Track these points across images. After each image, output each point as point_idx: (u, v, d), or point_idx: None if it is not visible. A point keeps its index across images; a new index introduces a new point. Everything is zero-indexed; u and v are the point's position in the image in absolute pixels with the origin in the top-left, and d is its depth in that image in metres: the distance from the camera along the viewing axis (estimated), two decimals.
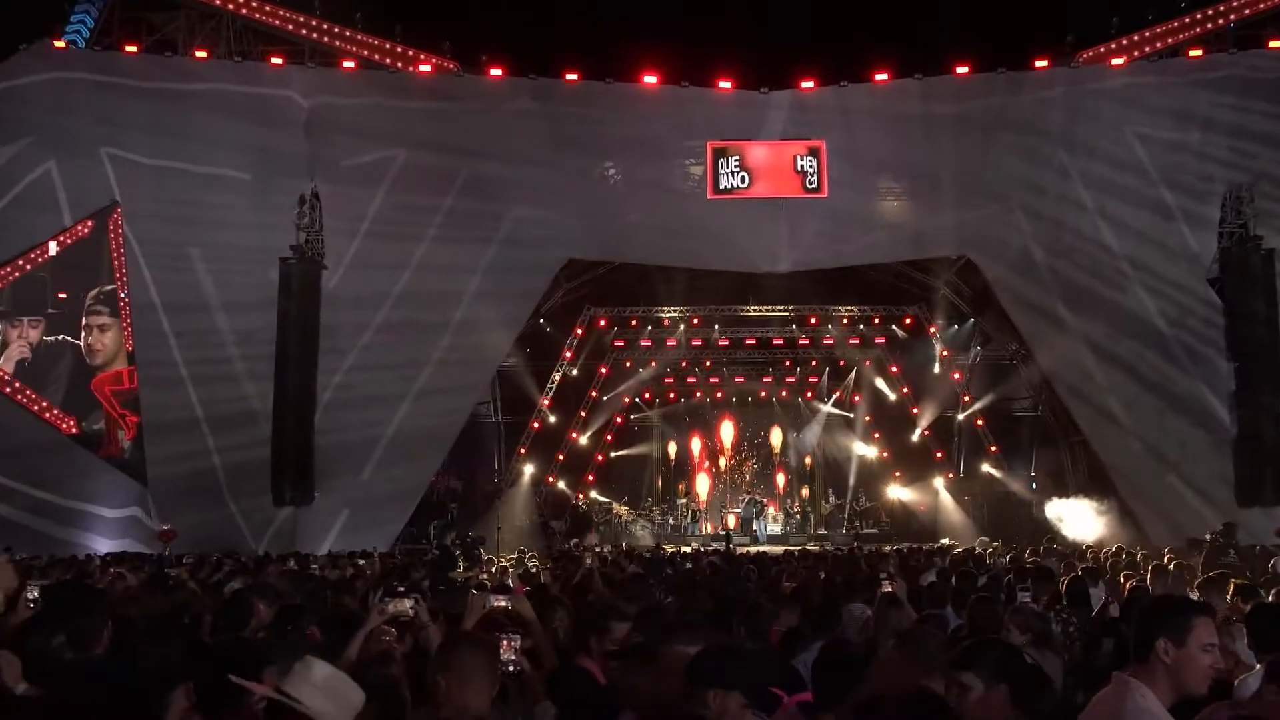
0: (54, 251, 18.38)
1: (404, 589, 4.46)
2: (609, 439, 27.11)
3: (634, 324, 25.51)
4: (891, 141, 19.57)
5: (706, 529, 25.52)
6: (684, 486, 27.33)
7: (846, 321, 25.48)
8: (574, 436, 25.85)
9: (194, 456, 17.91)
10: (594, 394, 26.12)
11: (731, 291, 23.84)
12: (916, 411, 25.50)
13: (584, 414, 26.00)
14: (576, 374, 25.69)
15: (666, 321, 25.38)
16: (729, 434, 28.16)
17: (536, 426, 24.96)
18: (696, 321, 25.22)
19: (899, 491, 25.62)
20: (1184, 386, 18.33)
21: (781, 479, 27.87)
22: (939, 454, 25.49)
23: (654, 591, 7.68)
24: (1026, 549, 13.33)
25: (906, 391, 25.94)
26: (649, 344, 26.07)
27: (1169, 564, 10.23)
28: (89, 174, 18.27)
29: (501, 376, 24.38)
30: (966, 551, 14.89)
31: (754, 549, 20.30)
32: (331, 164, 18.63)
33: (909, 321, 25.33)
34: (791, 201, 19.46)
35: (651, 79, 19.52)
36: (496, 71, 19.67)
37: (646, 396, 27.86)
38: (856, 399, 27.09)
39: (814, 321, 25.30)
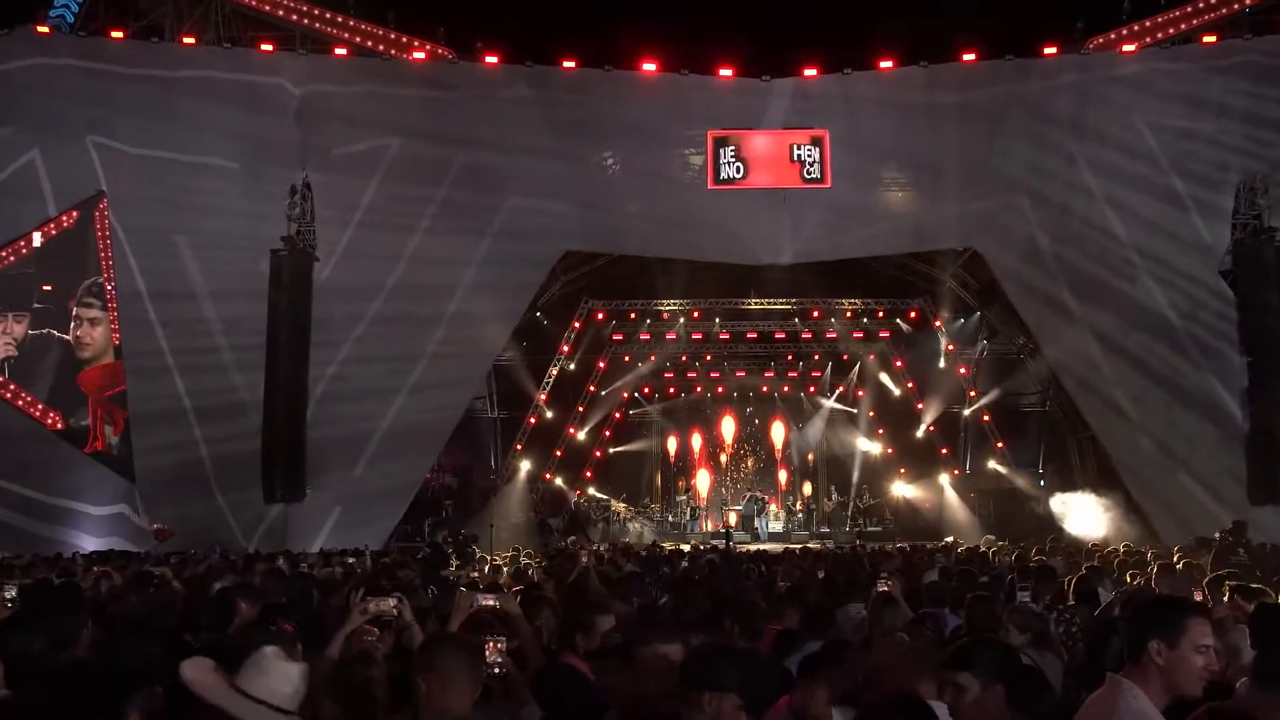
0: (38, 243, 18.37)
1: (393, 587, 4.47)
2: (607, 435, 27.10)
3: (633, 317, 25.49)
4: (896, 130, 19.53)
5: (707, 526, 25.52)
6: (684, 483, 27.33)
7: (850, 315, 25.47)
8: (572, 432, 25.85)
9: (181, 448, 17.93)
10: (592, 389, 26.11)
11: (732, 284, 23.83)
12: (921, 407, 25.50)
13: (582, 409, 25.99)
14: (574, 368, 25.69)
15: (666, 315, 25.36)
16: (730, 430, 28.16)
17: (533, 422, 24.97)
18: (697, 315, 25.20)
19: (903, 488, 25.62)
20: (1194, 380, 18.31)
21: (783, 476, 27.88)
22: (944, 450, 25.49)
23: (650, 590, 7.71)
24: (1033, 548, 13.32)
25: (911, 386, 25.93)
26: (648, 338, 26.04)
27: (1178, 563, 10.25)
28: (74, 162, 18.25)
29: (498, 371, 24.38)
30: (971, 550, 14.91)
31: (755, 547, 20.31)
32: (323, 153, 18.58)
33: (914, 315, 25.31)
34: (794, 192, 19.42)
35: (651, 66, 19.47)
36: (492, 59, 19.63)
37: (646, 391, 27.85)
38: (860, 394, 27.07)
39: (817, 315, 25.28)
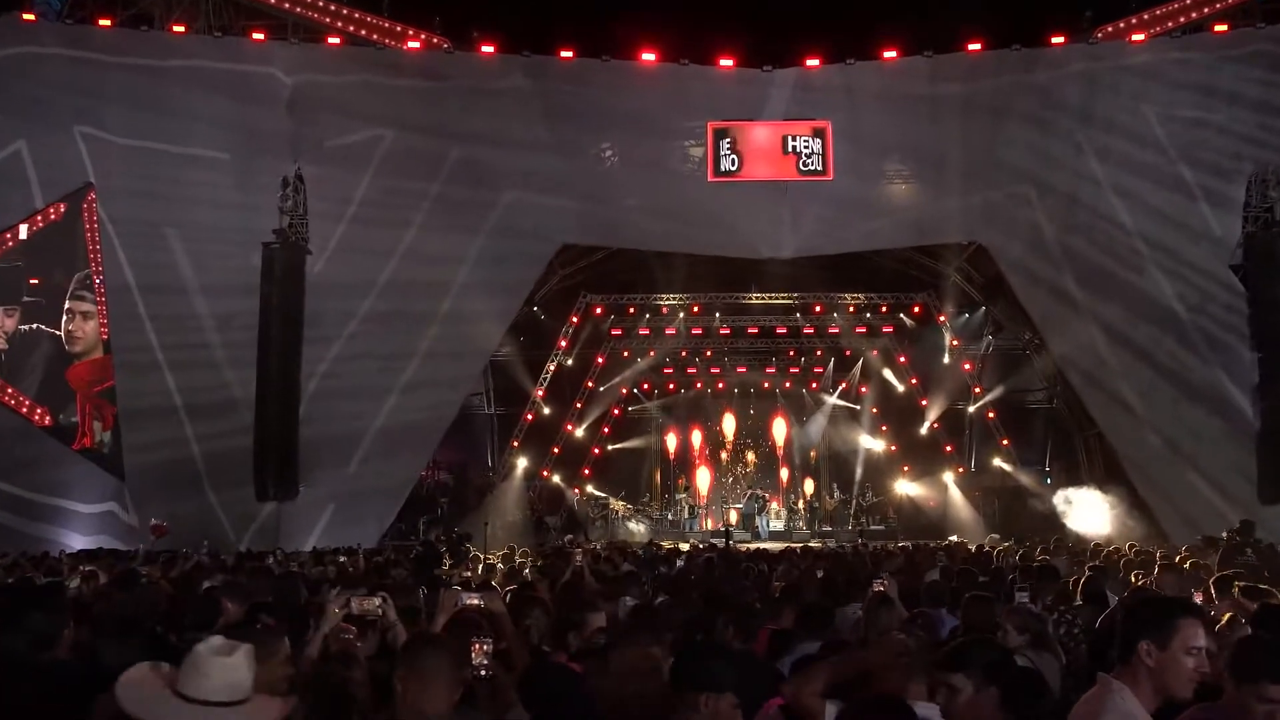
0: (25, 235, 18.35)
1: (380, 586, 4.46)
2: (606, 431, 27.08)
3: (631, 312, 25.48)
4: (900, 122, 19.49)
5: (707, 525, 25.53)
6: (684, 481, 27.32)
7: (852, 309, 25.46)
8: (570, 429, 25.84)
9: (172, 445, 17.91)
10: (590, 385, 26.11)
11: (733, 278, 23.83)
12: (925, 403, 25.49)
13: (580, 405, 25.99)
14: (572, 364, 25.70)
15: (665, 309, 25.35)
16: (730, 426, 28.15)
17: (530, 419, 24.97)
18: (696, 309, 25.19)
19: (907, 486, 25.61)
20: (1202, 375, 18.30)
21: (785, 473, 27.84)
22: (949, 447, 25.49)
23: (646, 590, 7.72)
24: (1037, 547, 13.32)
25: (915, 382, 25.93)
26: (647, 332, 26.04)
27: (1185, 563, 10.24)
28: (61, 153, 18.20)
29: (494, 366, 24.39)
30: (974, 549, 14.91)
31: (755, 546, 20.31)
32: (316, 144, 18.57)
33: (917, 309, 25.30)
34: (795, 185, 19.40)
35: (650, 56, 19.42)
36: (488, 48, 19.58)
37: (645, 387, 27.83)
38: (863, 390, 27.05)
39: (819, 309, 25.27)
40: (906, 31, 19.33)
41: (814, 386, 28.22)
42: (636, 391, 27.62)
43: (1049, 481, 23.80)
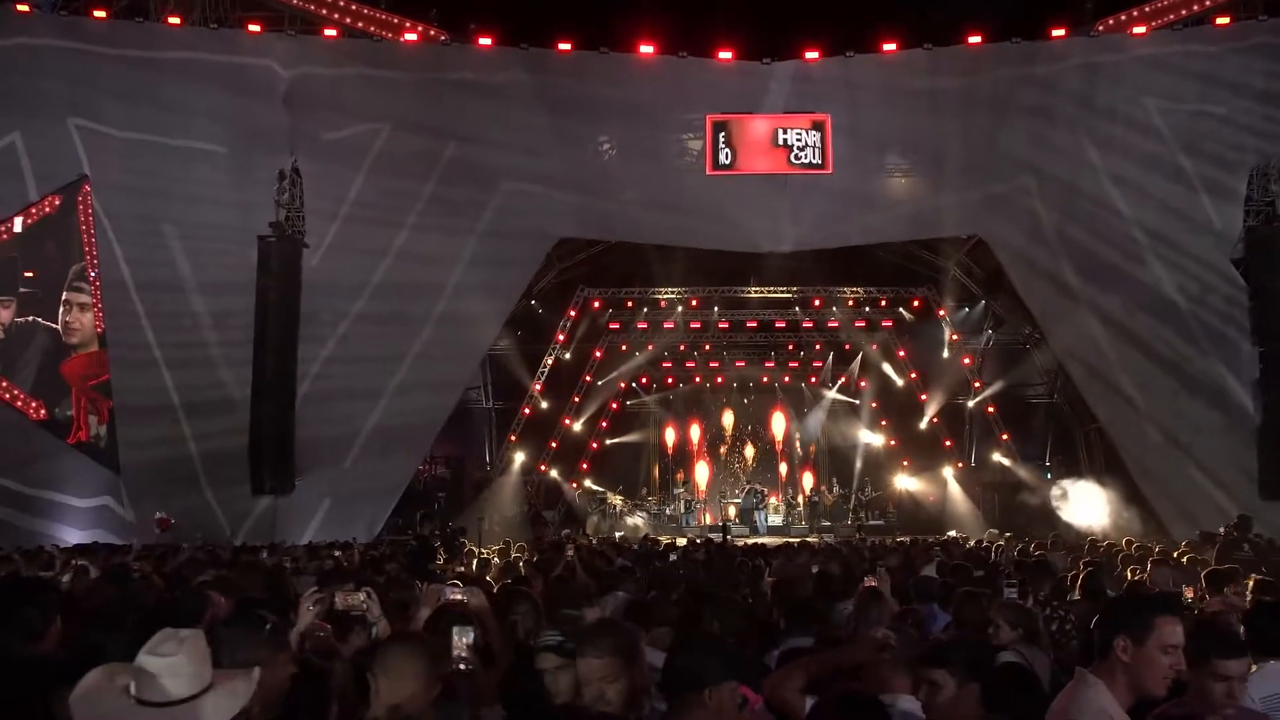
0: (19, 228, 18.34)
1: (361, 583, 4.46)
2: (604, 426, 27.09)
3: (630, 305, 25.46)
4: (899, 115, 19.46)
5: (705, 520, 25.55)
6: (682, 475, 27.33)
7: (852, 303, 25.43)
8: (567, 423, 25.84)
9: (168, 442, 17.90)
10: (588, 379, 26.10)
11: (732, 272, 23.81)
12: (925, 398, 25.48)
13: (578, 399, 25.98)
14: (570, 358, 25.69)
15: (664, 303, 25.32)
16: (729, 421, 28.16)
17: (528, 412, 24.96)
18: (695, 303, 25.17)
19: (906, 481, 25.62)
20: (1201, 367, 18.28)
21: (784, 468, 27.85)
22: (948, 442, 25.48)
23: (639, 586, 7.71)
24: (1034, 542, 13.33)
25: (915, 377, 25.91)
26: (645, 326, 26.03)
27: (1183, 558, 10.25)
28: (56, 146, 18.17)
29: (492, 360, 24.39)
30: (976, 545, 14.93)
31: (753, 541, 20.31)
32: (312, 138, 18.54)
33: (917, 304, 25.28)
34: (794, 178, 19.38)
35: (648, 48, 19.39)
36: (486, 41, 19.55)
37: (643, 381, 27.83)
38: (862, 384, 27.07)
39: (818, 303, 25.24)
40: (906, 24, 19.33)
41: (813, 381, 28.21)
42: (635, 386, 27.62)
43: (1049, 476, 23.75)
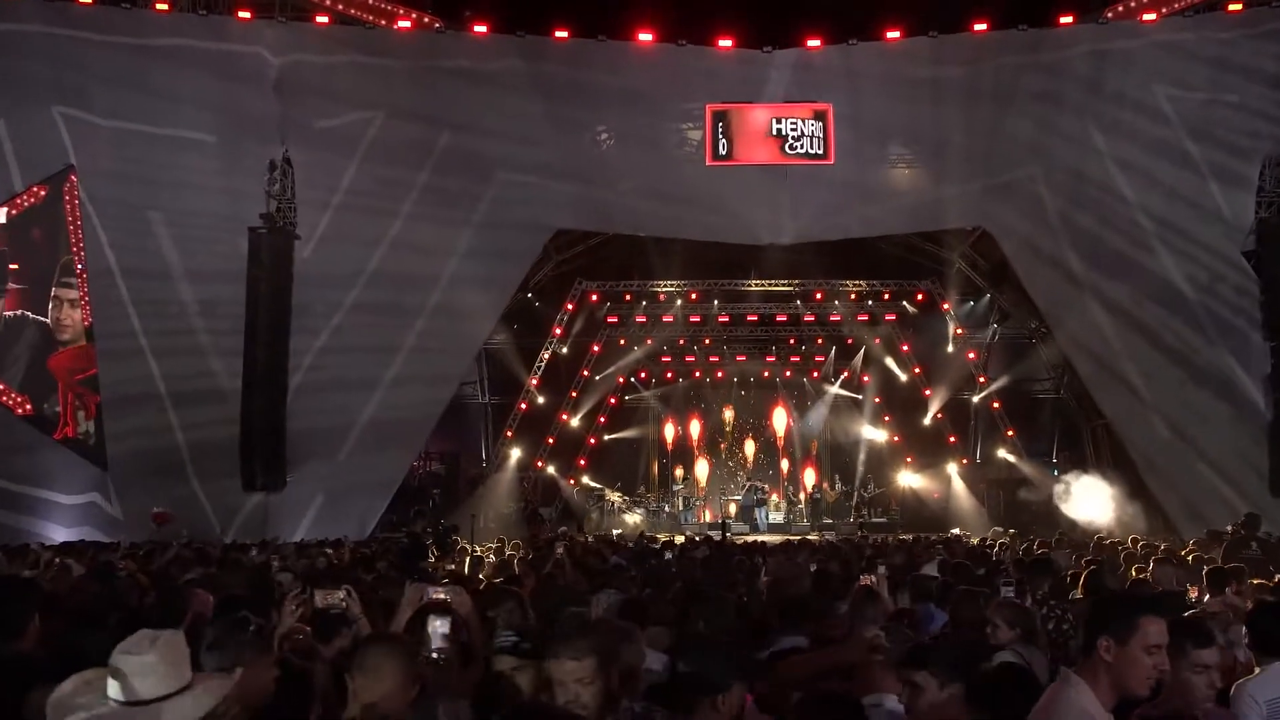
0: (3, 218, 18.29)
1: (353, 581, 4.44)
2: (602, 421, 27.06)
3: (628, 299, 25.41)
4: (903, 104, 19.39)
5: (705, 517, 25.53)
6: (681, 472, 27.32)
7: (854, 297, 25.38)
8: (564, 418, 25.80)
9: (156, 434, 17.88)
10: (586, 373, 26.05)
11: (732, 264, 23.76)
12: (929, 393, 25.43)
13: (575, 394, 25.93)
14: (567, 352, 25.63)
15: (663, 296, 25.28)
16: (729, 416, 28.12)
17: (524, 408, 24.93)
18: (695, 296, 25.12)
19: (910, 478, 25.56)
20: (1209, 357, 18.26)
21: (785, 465, 27.84)
22: (953, 438, 25.43)
23: (633, 584, 7.69)
24: (1037, 541, 13.31)
25: (918, 372, 25.86)
26: (644, 320, 25.96)
27: (1189, 556, 10.24)
28: (42, 133, 18.11)
29: (488, 355, 24.34)
30: (979, 543, 14.91)
31: (754, 538, 20.29)
32: (304, 126, 18.49)
33: (921, 297, 25.21)
34: (795, 169, 19.33)
35: (647, 36, 19.33)
36: (481, 28, 19.49)
37: (642, 376, 27.79)
38: (865, 379, 27.01)
39: (820, 297, 25.19)
40: (911, 11, 19.24)
41: (815, 376, 28.15)
42: (633, 380, 27.57)
43: (1056, 473, 23.72)
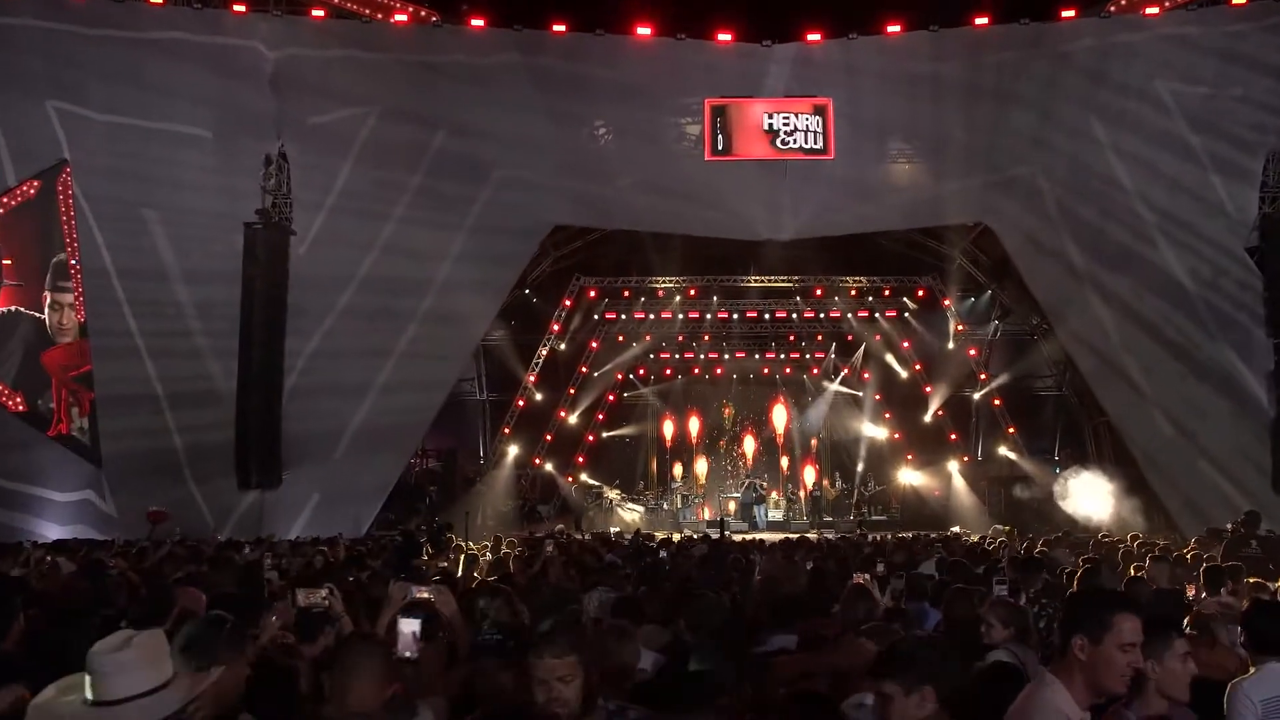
0: None
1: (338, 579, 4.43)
2: (600, 418, 27.08)
3: (626, 295, 25.43)
4: (903, 99, 19.33)
5: (704, 514, 25.54)
6: (680, 469, 27.32)
7: (854, 293, 25.39)
8: (562, 415, 25.83)
9: (151, 433, 17.85)
10: (584, 370, 26.08)
11: (731, 260, 23.78)
12: (930, 390, 25.44)
13: (573, 391, 25.96)
14: (565, 348, 25.66)
15: (661, 292, 25.29)
16: (728, 413, 28.11)
17: (522, 405, 24.94)
18: (693, 293, 25.14)
19: (910, 475, 25.57)
20: (1210, 352, 18.25)
21: (785, 462, 27.83)
22: (954, 436, 25.44)
23: (627, 582, 7.69)
24: (1038, 539, 13.30)
25: (919, 368, 25.87)
26: (643, 316, 25.99)
27: (1188, 554, 10.23)
28: (35, 128, 18.03)
29: (486, 351, 24.35)
30: (979, 541, 14.90)
31: (753, 536, 20.29)
32: (298, 122, 18.46)
33: (921, 293, 25.22)
34: (795, 165, 19.30)
35: (645, 30, 19.29)
36: (478, 22, 19.45)
37: (640, 373, 27.79)
38: (865, 376, 27.01)
39: (819, 293, 25.21)
40: (911, 5, 19.19)
41: (815, 372, 28.16)
42: (631, 377, 27.58)
43: (1057, 471, 23.73)
